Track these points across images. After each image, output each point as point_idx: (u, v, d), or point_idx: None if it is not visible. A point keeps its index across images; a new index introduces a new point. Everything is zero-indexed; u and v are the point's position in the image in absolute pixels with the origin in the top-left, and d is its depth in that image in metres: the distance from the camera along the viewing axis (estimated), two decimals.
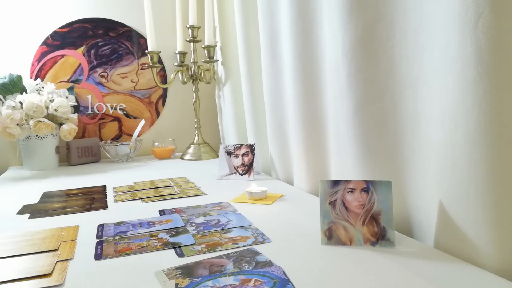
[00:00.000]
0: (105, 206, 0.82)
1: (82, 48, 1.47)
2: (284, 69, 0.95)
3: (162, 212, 0.75)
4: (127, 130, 1.55)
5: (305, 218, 0.69)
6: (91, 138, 1.47)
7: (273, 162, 1.08)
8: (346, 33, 0.66)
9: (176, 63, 1.48)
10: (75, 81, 1.47)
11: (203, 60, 1.44)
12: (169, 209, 0.78)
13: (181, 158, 1.46)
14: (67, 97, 1.33)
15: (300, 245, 0.56)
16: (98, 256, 0.55)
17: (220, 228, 0.65)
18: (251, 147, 1.04)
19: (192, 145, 1.47)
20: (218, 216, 0.71)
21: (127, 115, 1.55)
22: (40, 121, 1.22)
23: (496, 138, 0.44)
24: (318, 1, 0.80)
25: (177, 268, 0.50)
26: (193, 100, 1.48)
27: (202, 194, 0.90)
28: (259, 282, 0.45)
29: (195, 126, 1.48)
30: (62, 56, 1.45)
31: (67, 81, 1.46)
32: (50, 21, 1.42)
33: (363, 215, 0.55)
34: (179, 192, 0.91)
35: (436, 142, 0.53)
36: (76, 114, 1.37)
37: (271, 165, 1.09)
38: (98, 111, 1.51)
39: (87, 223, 0.70)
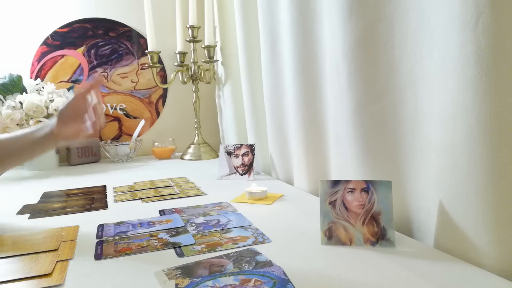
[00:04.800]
0: (105, 206, 0.82)
1: (82, 48, 1.47)
2: (284, 69, 0.95)
3: (162, 212, 0.75)
4: (127, 130, 1.55)
5: (305, 218, 0.69)
6: (91, 138, 1.47)
7: (273, 162, 1.08)
8: (346, 33, 0.66)
9: (176, 63, 1.48)
10: (75, 81, 1.47)
11: (203, 60, 1.43)
12: (169, 209, 0.78)
13: (181, 158, 1.46)
14: (67, 97, 1.33)
15: (300, 245, 0.56)
16: (98, 256, 0.55)
17: (220, 228, 0.65)
18: (251, 147, 1.04)
19: (192, 145, 1.47)
20: (218, 216, 0.71)
21: (127, 115, 1.55)
22: (40, 121, 1.22)
23: (496, 138, 0.44)
24: (318, 1, 0.80)
25: (177, 268, 0.50)
26: (193, 100, 1.48)
27: (202, 194, 0.90)
28: (259, 282, 0.45)
29: (195, 126, 1.48)
30: (62, 56, 1.45)
31: (67, 81, 1.46)
32: (50, 21, 1.42)
33: (363, 215, 0.55)
34: (179, 192, 0.91)
35: (436, 142, 0.53)
36: None
37: (271, 165, 1.09)
38: None
39: (87, 223, 0.70)
